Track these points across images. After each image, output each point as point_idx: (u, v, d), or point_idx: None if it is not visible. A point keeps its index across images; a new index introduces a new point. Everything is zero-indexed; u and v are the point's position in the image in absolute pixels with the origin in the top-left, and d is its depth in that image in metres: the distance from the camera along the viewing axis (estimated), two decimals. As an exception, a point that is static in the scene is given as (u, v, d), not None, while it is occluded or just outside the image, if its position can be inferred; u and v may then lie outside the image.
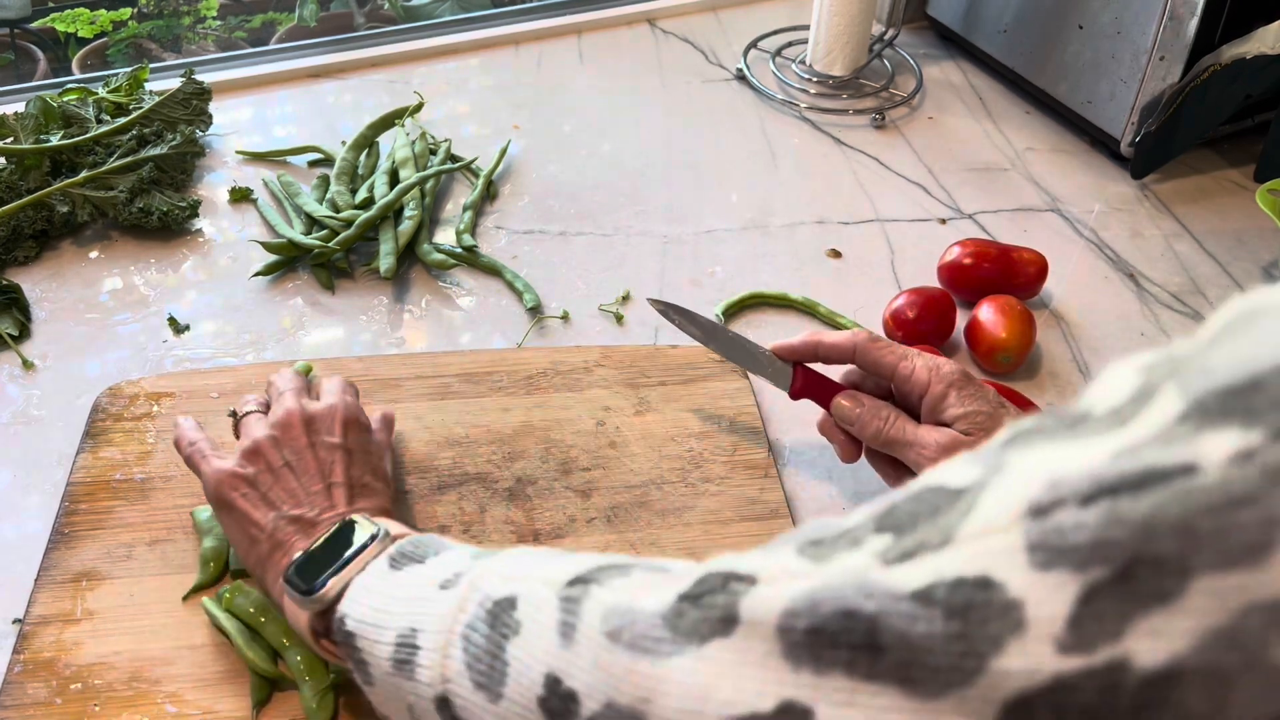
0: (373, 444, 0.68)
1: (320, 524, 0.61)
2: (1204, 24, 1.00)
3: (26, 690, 0.63)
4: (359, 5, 1.68)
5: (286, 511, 0.62)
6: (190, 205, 0.99)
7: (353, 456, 0.65)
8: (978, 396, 0.68)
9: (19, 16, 1.59)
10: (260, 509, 0.62)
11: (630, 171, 1.10)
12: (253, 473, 0.63)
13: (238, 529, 0.63)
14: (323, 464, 0.64)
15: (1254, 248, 1.03)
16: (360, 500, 0.63)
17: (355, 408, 0.69)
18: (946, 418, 0.68)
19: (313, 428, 0.65)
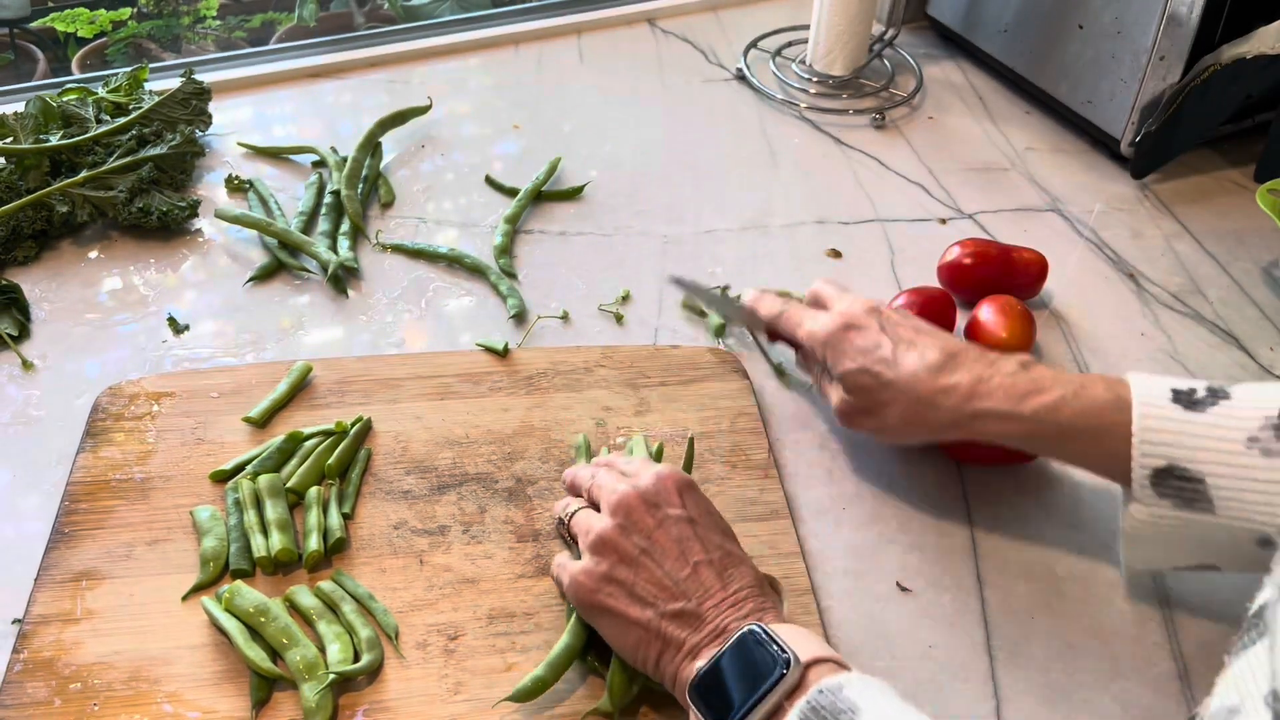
0: (705, 500, 0.65)
1: (705, 619, 0.59)
2: (1204, 24, 1.00)
3: (26, 690, 0.63)
4: (359, 5, 1.68)
5: (665, 607, 0.59)
6: (190, 205, 0.99)
7: (699, 523, 0.63)
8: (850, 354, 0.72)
9: (19, 16, 1.59)
10: (635, 607, 0.60)
11: (630, 171, 1.10)
12: (608, 568, 0.61)
13: (617, 631, 0.61)
14: (678, 542, 0.61)
15: (1254, 248, 1.03)
16: (731, 571, 0.61)
17: (676, 470, 0.66)
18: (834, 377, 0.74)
19: (652, 504, 0.63)
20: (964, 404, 0.68)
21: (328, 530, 0.72)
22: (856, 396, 0.72)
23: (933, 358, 0.69)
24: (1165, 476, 0.62)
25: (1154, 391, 0.64)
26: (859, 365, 0.71)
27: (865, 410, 0.72)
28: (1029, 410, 0.66)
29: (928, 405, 0.69)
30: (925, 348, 0.70)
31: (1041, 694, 0.67)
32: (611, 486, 0.65)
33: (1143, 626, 0.71)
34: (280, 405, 0.81)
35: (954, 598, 0.72)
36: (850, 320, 0.73)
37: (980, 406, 0.67)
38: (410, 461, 0.78)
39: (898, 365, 0.70)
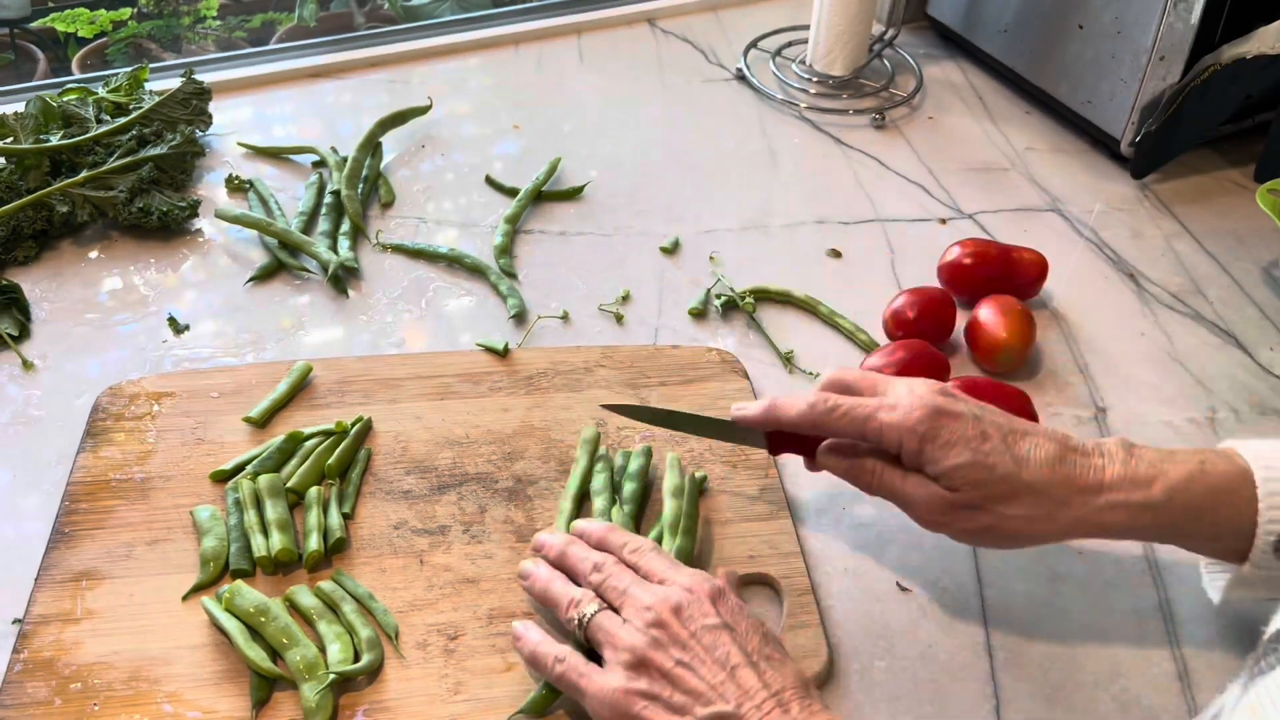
0: (739, 603, 0.62)
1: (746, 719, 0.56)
2: (1204, 24, 1.00)
3: (26, 689, 0.63)
4: (359, 5, 1.68)
5: (702, 712, 0.57)
6: (190, 205, 0.99)
7: (735, 630, 0.60)
8: (955, 444, 0.64)
9: (19, 16, 1.59)
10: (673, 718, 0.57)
11: (630, 171, 1.10)
12: (645, 685, 0.58)
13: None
14: (713, 651, 0.59)
15: (1254, 248, 1.03)
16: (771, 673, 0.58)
17: (704, 576, 0.63)
18: (929, 472, 0.65)
19: (685, 616, 0.60)
20: (1093, 497, 0.63)
21: (328, 530, 0.72)
22: (965, 492, 0.64)
23: (1048, 448, 0.64)
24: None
25: (1269, 454, 0.63)
26: (970, 458, 0.63)
27: (975, 507, 0.64)
28: (1159, 496, 0.63)
29: (1056, 502, 0.63)
30: (1034, 438, 0.65)
31: (1041, 694, 0.67)
32: (641, 599, 0.61)
33: (1143, 626, 0.71)
34: (280, 405, 0.81)
35: (954, 598, 0.72)
36: (941, 407, 0.65)
37: (1111, 499, 0.63)
38: (410, 461, 0.78)
39: (1017, 458, 0.64)
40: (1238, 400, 0.87)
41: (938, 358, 0.84)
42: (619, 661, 0.59)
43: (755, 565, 0.72)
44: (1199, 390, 0.88)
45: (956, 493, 0.64)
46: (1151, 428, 0.84)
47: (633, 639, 0.60)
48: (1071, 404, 0.86)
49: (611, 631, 0.61)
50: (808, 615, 0.69)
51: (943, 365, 0.84)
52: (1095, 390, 0.88)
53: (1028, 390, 0.84)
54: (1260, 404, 0.87)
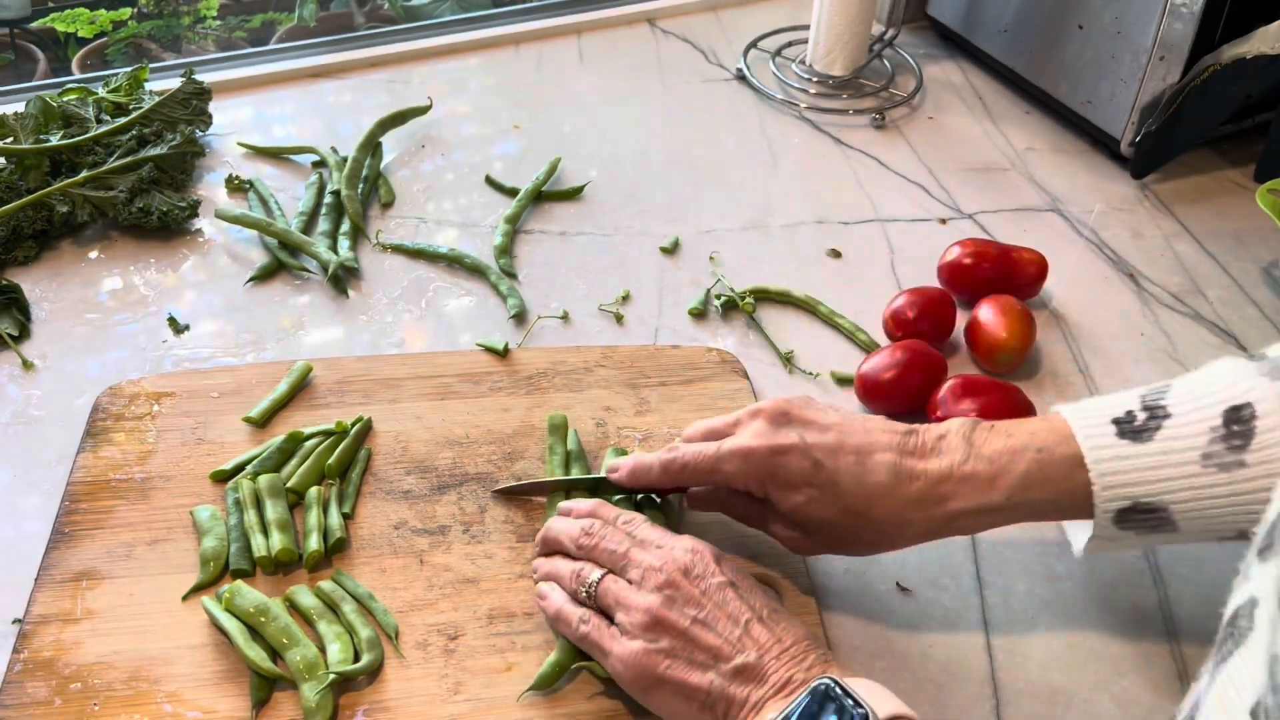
0: (738, 565, 0.64)
1: (768, 671, 0.57)
2: (1204, 24, 1.00)
3: (26, 689, 0.63)
4: (359, 5, 1.68)
5: (726, 666, 0.58)
6: (190, 205, 0.99)
7: (740, 586, 0.61)
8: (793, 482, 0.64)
9: (19, 16, 1.59)
10: (696, 673, 0.58)
11: (630, 171, 1.10)
12: (666, 644, 0.59)
13: (678, 700, 0.59)
14: (725, 607, 0.60)
15: (1254, 248, 1.03)
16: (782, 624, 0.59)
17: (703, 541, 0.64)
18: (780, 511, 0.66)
19: (694, 575, 0.61)
20: (935, 510, 0.63)
21: (328, 530, 0.72)
22: (810, 530, 0.66)
23: (884, 465, 0.64)
24: (1128, 514, 0.61)
25: (1097, 431, 0.62)
26: (806, 496, 0.64)
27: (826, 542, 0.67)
28: (1002, 498, 0.62)
29: (899, 523, 0.64)
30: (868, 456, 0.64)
31: (1041, 694, 0.67)
32: (647, 560, 0.62)
33: (1143, 626, 0.71)
34: (280, 405, 0.81)
35: (954, 598, 0.72)
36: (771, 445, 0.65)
37: (954, 508, 0.63)
38: (410, 461, 0.78)
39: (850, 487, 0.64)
40: (1238, 400, 0.87)
41: (937, 358, 0.84)
42: (635, 624, 0.60)
43: (755, 565, 0.72)
44: (1199, 390, 0.88)
45: (802, 530, 0.66)
46: (1151, 428, 0.84)
47: (646, 600, 0.60)
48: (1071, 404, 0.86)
49: (621, 594, 0.62)
50: (808, 615, 0.69)
51: (941, 365, 0.84)
52: (1095, 390, 0.88)
53: (1028, 390, 0.84)
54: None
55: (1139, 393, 0.63)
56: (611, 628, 0.62)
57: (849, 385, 0.86)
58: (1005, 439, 0.64)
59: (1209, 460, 0.59)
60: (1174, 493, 0.60)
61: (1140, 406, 0.62)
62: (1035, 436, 0.63)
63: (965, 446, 0.64)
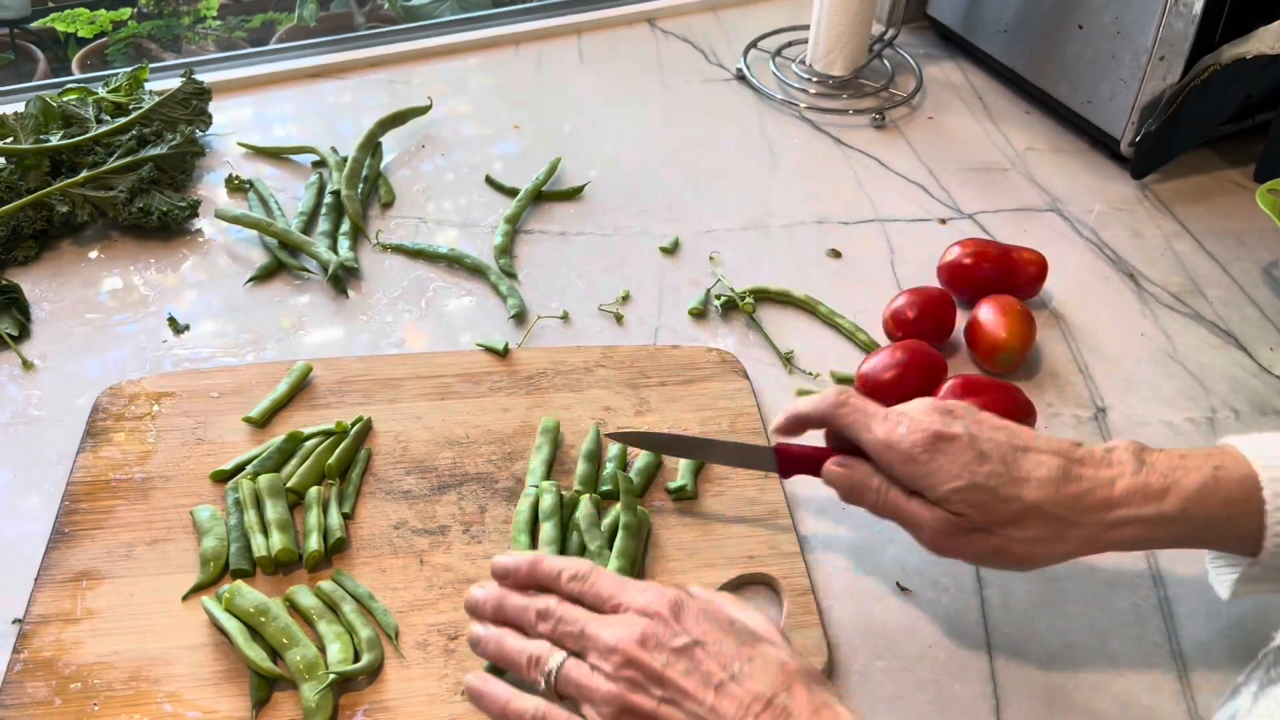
0: (701, 603, 0.58)
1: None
2: (1204, 24, 1.00)
3: (26, 689, 0.63)
4: (359, 5, 1.68)
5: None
6: (190, 205, 0.99)
7: (707, 642, 0.56)
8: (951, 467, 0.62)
9: (19, 16, 1.59)
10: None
11: (630, 171, 1.10)
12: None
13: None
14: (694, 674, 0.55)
15: (1254, 248, 1.03)
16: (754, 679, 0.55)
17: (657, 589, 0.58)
18: (931, 497, 0.63)
19: (653, 645, 0.56)
20: (1103, 513, 0.61)
21: (328, 530, 0.72)
22: (970, 515, 0.62)
23: (1051, 465, 0.62)
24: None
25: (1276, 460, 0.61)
26: (969, 480, 0.62)
27: (981, 529, 0.63)
28: (1174, 510, 0.61)
29: (1064, 522, 0.62)
30: (1037, 455, 0.63)
31: (1041, 694, 0.67)
32: (602, 640, 0.56)
33: (1143, 626, 0.71)
34: (280, 405, 0.81)
35: (954, 598, 0.72)
36: (938, 431, 0.63)
37: (1122, 514, 0.61)
38: (410, 461, 0.78)
39: (1018, 478, 0.62)
40: (1237, 400, 0.87)
41: (937, 358, 0.84)
42: (600, 715, 0.56)
43: (755, 565, 0.72)
44: (1199, 390, 0.88)
45: (960, 516, 0.63)
46: (1151, 428, 0.84)
47: (608, 688, 0.55)
48: (1071, 404, 0.86)
49: (583, 684, 0.57)
50: (808, 615, 0.69)
51: (941, 365, 0.84)
52: (1095, 390, 0.88)
53: (1028, 390, 0.84)
54: (1260, 404, 0.87)
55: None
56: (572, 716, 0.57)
57: (849, 385, 0.86)
58: (1179, 458, 0.63)
59: None
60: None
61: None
62: (1211, 458, 0.62)
63: (1136, 459, 0.63)
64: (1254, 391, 0.88)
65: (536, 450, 0.78)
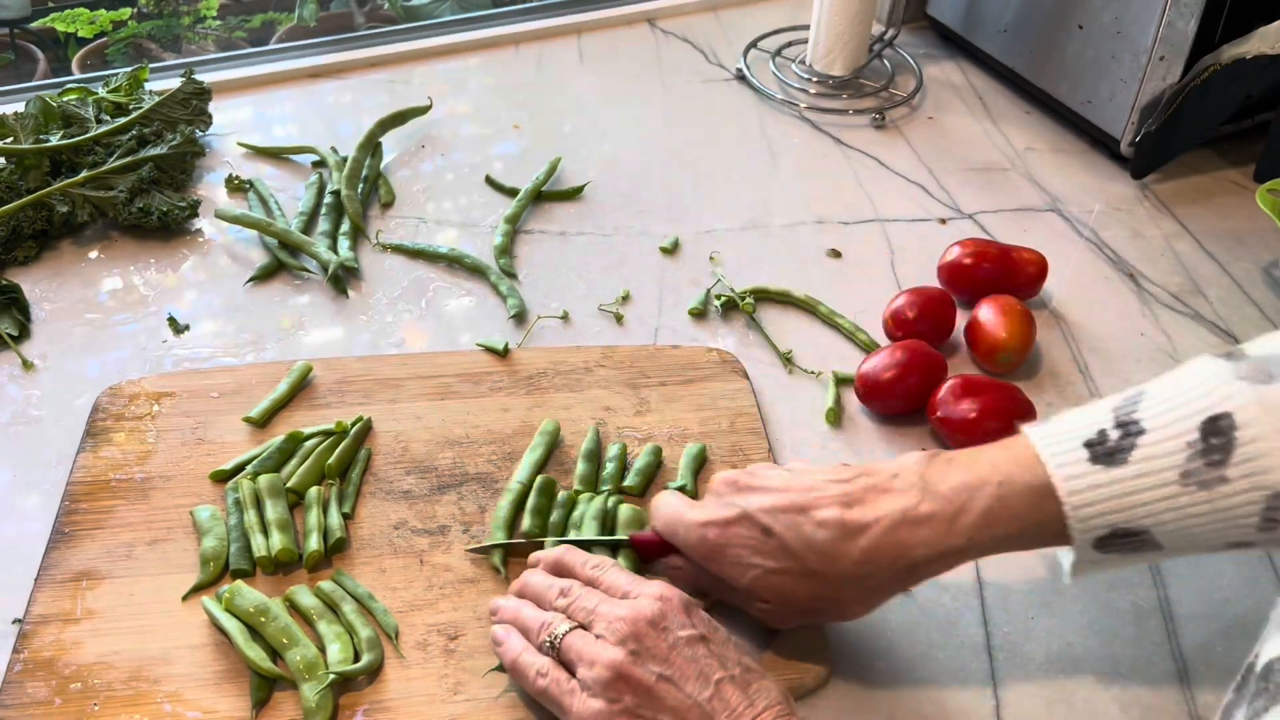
0: (710, 618, 0.60)
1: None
2: (1204, 24, 1.00)
3: (26, 689, 0.63)
4: (359, 5, 1.68)
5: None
6: (190, 205, 0.99)
7: (712, 640, 0.58)
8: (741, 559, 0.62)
9: (19, 16, 1.59)
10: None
11: (630, 171, 1.10)
12: (629, 703, 0.56)
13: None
14: (696, 662, 0.56)
15: (1254, 248, 1.03)
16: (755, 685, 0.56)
17: (673, 588, 0.60)
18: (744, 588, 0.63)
19: (662, 627, 0.57)
20: (895, 561, 0.60)
21: (328, 530, 0.72)
22: (775, 602, 0.63)
23: (831, 525, 0.60)
24: (1108, 540, 0.58)
25: (1070, 459, 0.57)
26: (760, 569, 0.62)
27: (796, 610, 0.64)
28: (963, 540, 0.59)
29: (860, 579, 0.61)
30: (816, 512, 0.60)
31: (1041, 694, 0.67)
32: (613, 612, 0.58)
33: (1143, 626, 0.71)
34: (280, 405, 0.81)
35: (954, 598, 0.72)
36: (712, 519, 0.63)
37: (915, 556, 0.60)
38: (410, 461, 0.78)
39: (801, 549, 0.60)
40: (1238, 400, 0.87)
41: (937, 358, 0.84)
42: (597, 680, 0.57)
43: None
44: (1199, 390, 0.88)
45: (770, 604, 0.63)
46: (1151, 428, 0.84)
47: (610, 654, 0.57)
48: (1071, 404, 0.86)
49: (585, 649, 0.58)
50: (808, 615, 0.69)
51: (941, 365, 0.84)
52: (1095, 390, 0.88)
53: (1028, 390, 0.84)
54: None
55: (1111, 405, 0.59)
56: (572, 682, 0.58)
57: (849, 385, 0.86)
58: (964, 473, 0.60)
59: (1188, 479, 0.55)
60: (1154, 515, 0.56)
61: (1113, 423, 0.58)
62: (997, 468, 0.59)
63: (920, 486, 0.60)
64: (1254, 391, 0.88)
65: (531, 450, 0.78)
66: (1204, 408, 0.56)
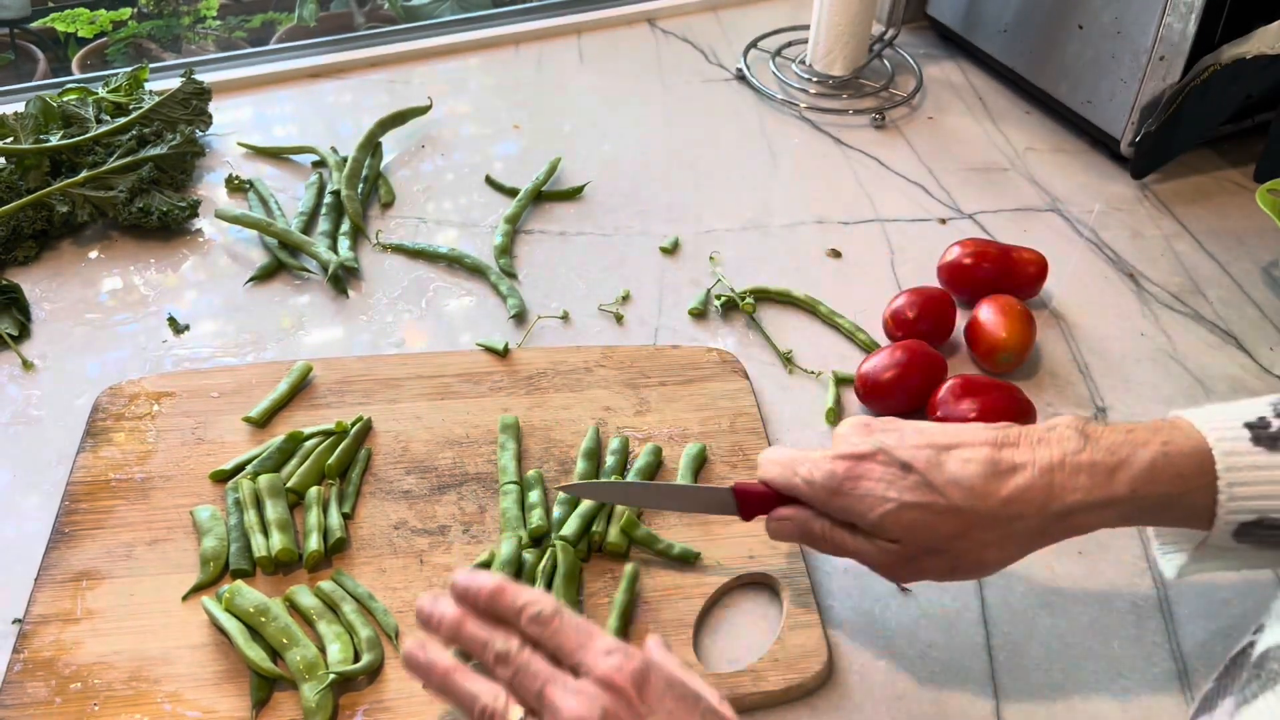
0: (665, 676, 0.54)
1: None
2: (1204, 24, 1.00)
3: (26, 689, 0.63)
4: (359, 5, 1.68)
5: None
6: (190, 205, 0.99)
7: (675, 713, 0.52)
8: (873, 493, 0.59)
9: (19, 16, 1.59)
10: None
11: (630, 171, 1.10)
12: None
13: None
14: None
15: (1254, 248, 1.03)
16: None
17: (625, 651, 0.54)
18: (865, 528, 0.61)
19: None
20: (1047, 504, 0.57)
21: (328, 530, 0.72)
22: (907, 540, 0.59)
23: (978, 460, 0.58)
24: (1252, 528, 0.56)
25: (1230, 434, 0.56)
26: (896, 501, 0.59)
27: (926, 551, 0.60)
28: (1126, 489, 0.57)
29: (1006, 521, 0.58)
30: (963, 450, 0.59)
31: (1041, 694, 0.67)
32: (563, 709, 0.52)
33: (1143, 626, 0.71)
34: (280, 405, 0.81)
35: (954, 598, 0.72)
36: (845, 453, 0.61)
37: (1070, 501, 0.57)
38: (410, 461, 0.78)
39: (944, 484, 0.58)
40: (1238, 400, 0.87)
41: (937, 358, 0.84)
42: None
43: (756, 565, 0.72)
44: (1199, 390, 0.88)
45: (899, 544, 0.60)
46: (1151, 428, 0.84)
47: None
48: (1071, 404, 0.86)
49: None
50: (808, 615, 0.69)
51: (941, 365, 0.84)
52: (1095, 390, 0.88)
53: (1028, 390, 0.84)
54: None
55: (1269, 400, 0.58)
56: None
57: (849, 385, 0.86)
58: (1125, 433, 0.58)
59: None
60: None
61: (1273, 412, 0.56)
62: (1159, 432, 0.58)
63: (1079, 437, 0.58)
64: (1254, 392, 0.88)
65: (501, 450, 0.78)
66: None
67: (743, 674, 0.65)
